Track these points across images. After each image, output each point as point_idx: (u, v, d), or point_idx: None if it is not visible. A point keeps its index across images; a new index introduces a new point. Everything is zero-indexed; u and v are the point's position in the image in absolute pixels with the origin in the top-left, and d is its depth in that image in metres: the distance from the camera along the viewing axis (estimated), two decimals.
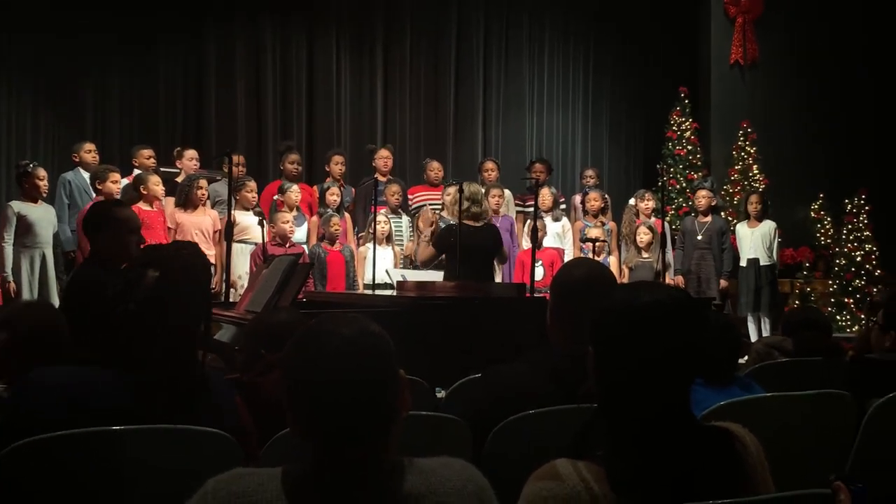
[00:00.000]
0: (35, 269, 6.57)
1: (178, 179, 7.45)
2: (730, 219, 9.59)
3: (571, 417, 1.90)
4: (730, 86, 10.95)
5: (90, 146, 7.59)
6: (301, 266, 4.48)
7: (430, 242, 6.11)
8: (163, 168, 7.58)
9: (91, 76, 9.15)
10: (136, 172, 7.22)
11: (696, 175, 10.28)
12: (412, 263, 7.39)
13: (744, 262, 8.62)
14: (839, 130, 10.69)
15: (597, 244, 7.59)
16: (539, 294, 5.36)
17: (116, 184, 6.74)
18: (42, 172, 6.73)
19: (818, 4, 10.85)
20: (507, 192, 8.46)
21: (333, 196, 7.79)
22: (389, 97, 10.52)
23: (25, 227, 6.54)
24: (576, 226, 8.61)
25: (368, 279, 6.89)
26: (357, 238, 7.96)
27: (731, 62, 10.93)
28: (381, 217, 7.39)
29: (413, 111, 10.63)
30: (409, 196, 8.38)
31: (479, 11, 10.91)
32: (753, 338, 8.00)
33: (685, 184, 10.31)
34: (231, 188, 5.98)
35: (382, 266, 6.82)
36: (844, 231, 10.05)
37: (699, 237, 8.48)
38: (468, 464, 1.50)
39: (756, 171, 10.44)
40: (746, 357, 3.78)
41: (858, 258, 9.84)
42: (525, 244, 7.93)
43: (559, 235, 8.35)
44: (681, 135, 10.59)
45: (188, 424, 1.86)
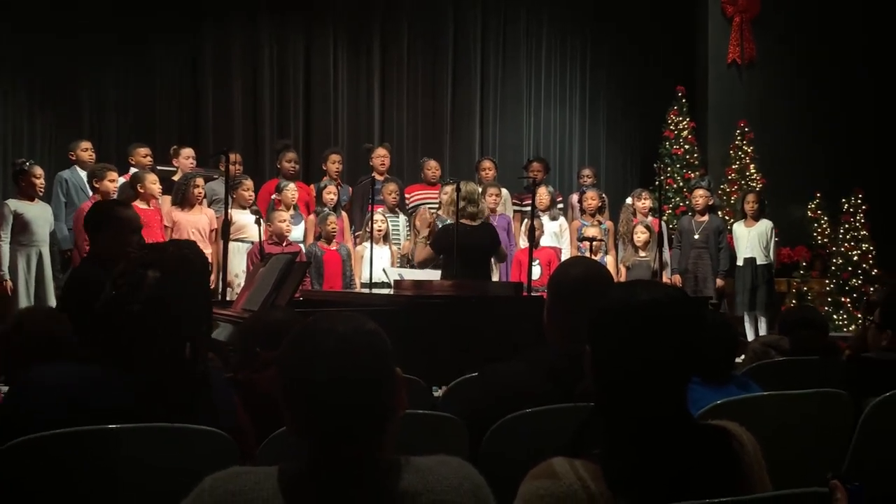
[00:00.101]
0: (31, 268, 6.57)
1: (175, 178, 7.43)
2: (727, 218, 9.60)
3: (568, 416, 1.91)
4: (727, 85, 10.96)
5: (87, 144, 7.59)
6: (298, 265, 4.48)
7: (428, 243, 6.10)
8: (159, 166, 7.56)
9: (88, 75, 9.12)
10: (133, 171, 7.22)
11: (693, 174, 10.29)
12: (409, 262, 7.38)
13: (740, 262, 8.63)
14: (836, 130, 10.70)
15: (594, 243, 7.58)
16: (536, 293, 5.36)
17: (113, 182, 6.73)
18: (39, 171, 6.72)
19: (816, 4, 10.86)
20: (505, 191, 8.46)
21: (330, 195, 7.79)
22: (386, 96, 10.50)
23: (22, 226, 6.53)
24: (573, 225, 8.62)
25: (366, 278, 6.89)
26: (354, 237, 7.95)
27: (729, 61, 10.94)
28: (379, 216, 7.39)
29: (410, 110, 10.62)
30: (407, 195, 8.37)
31: (477, 10, 10.90)
32: (750, 337, 8.01)
33: (682, 183, 10.31)
34: (228, 187, 5.97)
35: (379, 265, 6.82)
36: (841, 230, 10.05)
37: (696, 236, 8.50)
38: (465, 462, 1.50)
39: (753, 171, 10.45)
40: (743, 356, 3.78)
41: (855, 257, 9.85)
42: (522, 243, 7.93)
43: (556, 234, 8.35)
44: (678, 134, 10.60)
45: (187, 424, 1.86)
